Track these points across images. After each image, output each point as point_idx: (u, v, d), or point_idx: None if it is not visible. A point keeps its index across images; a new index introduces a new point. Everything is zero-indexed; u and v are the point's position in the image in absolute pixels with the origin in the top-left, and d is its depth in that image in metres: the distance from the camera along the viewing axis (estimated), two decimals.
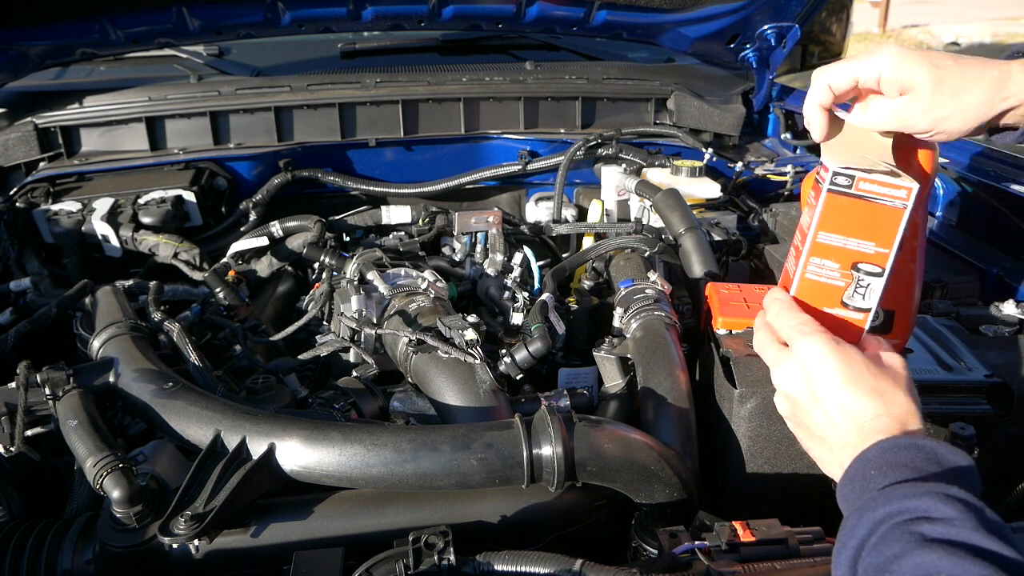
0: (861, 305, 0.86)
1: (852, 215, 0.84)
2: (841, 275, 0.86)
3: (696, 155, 2.20)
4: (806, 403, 0.83)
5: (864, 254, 0.84)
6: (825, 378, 0.80)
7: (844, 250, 0.85)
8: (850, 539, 0.68)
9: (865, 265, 0.85)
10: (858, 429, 0.78)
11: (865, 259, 0.85)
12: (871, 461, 0.74)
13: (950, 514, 0.63)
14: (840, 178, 0.83)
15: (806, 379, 0.82)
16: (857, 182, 0.83)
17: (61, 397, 1.15)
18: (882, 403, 0.78)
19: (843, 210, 0.84)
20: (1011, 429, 1.18)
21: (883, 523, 0.66)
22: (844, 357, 0.80)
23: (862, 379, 0.79)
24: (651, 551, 1.00)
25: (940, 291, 1.63)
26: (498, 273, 1.84)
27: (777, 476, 1.14)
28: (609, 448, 1.05)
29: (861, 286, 0.86)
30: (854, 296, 0.86)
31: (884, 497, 0.68)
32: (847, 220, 0.84)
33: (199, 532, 0.93)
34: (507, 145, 2.23)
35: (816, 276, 0.87)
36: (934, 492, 0.66)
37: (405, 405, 1.35)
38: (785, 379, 0.85)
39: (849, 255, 0.85)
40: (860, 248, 0.84)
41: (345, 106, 2.16)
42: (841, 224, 0.84)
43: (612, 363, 1.39)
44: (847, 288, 0.86)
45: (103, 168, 2.04)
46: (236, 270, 1.84)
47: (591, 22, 2.18)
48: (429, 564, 0.85)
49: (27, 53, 1.96)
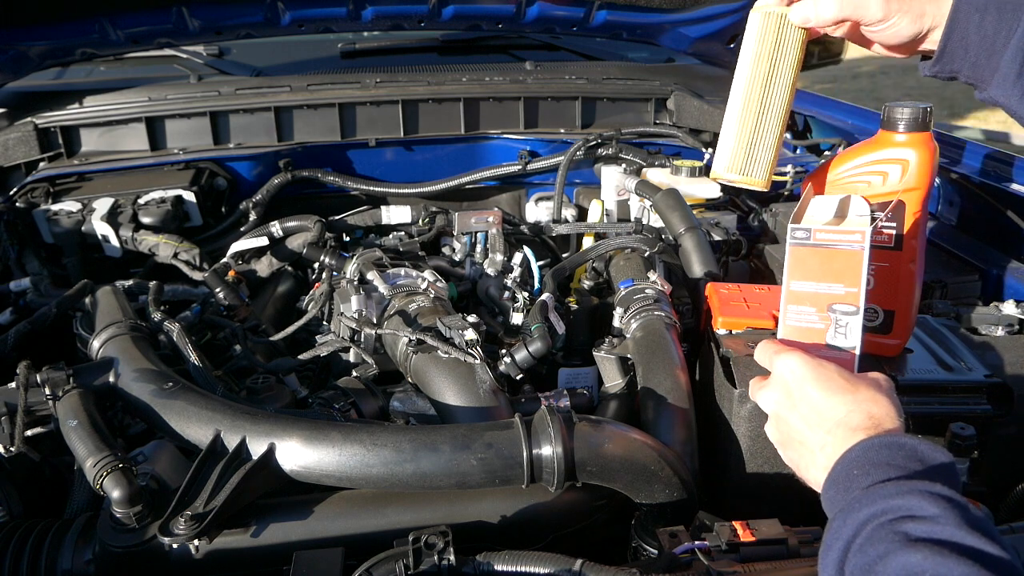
0: (844, 344, 0.91)
1: (816, 262, 0.91)
2: (820, 318, 0.92)
3: (696, 155, 2.19)
4: (787, 413, 0.85)
5: (836, 295, 0.91)
6: (800, 386, 0.83)
7: (817, 295, 0.92)
8: (836, 541, 0.68)
9: (840, 306, 0.91)
10: (834, 427, 0.79)
11: (838, 300, 0.91)
12: (853, 461, 0.74)
13: (934, 512, 0.63)
14: (799, 232, 0.92)
15: (785, 391, 0.85)
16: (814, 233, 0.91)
17: (61, 397, 1.15)
18: (853, 400, 0.80)
19: (807, 259, 0.92)
20: (1011, 429, 1.18)
21: (868, 523, 0.66)
22: (816, 365, 0.84)
23: (833, 382, 0.82)
24: (651, 551, 1.00)
25: (940, 291, 1.63)
26: (498, 273, 1.84)
27: (777, 476, 1.14)
28: (609, 448, 1.05)
29: (840, 325, 0.91)
30: (836, 336, 0.92)
31: (868, 497, 0.68)
32: (813, 267, 0.91)
33: (199, 532, 0.93)
34: (507, 145, 2.23)
35: (797, 322, 0.93)
36: (918, 490, 0.66)
37: (405, 405, 1.35)
38: (768, 397, 0.89)
39: (823, 298, 0.91)
40: (831, 291, 0.91)
41: (345, 106, 2.16)
42: (808, 272, 0.92)
43: (612, 363, 1.39)
44: (828, 329, 0.92)
45: (103, 168, 2.04)
46: (236, 270, 1.84)
47: (591, 22, 2.18)
48: (429, 564, 0.85)
49: (27, 53, 1.96)
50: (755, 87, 0.93)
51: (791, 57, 0.92)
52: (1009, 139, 6.54)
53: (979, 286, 1.68)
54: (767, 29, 0.92)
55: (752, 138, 0.93)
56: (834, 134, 2.37)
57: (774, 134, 0.94)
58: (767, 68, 0.92)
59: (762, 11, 0.93)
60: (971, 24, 0.86)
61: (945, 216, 1.92)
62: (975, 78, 0.90)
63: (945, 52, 0.89)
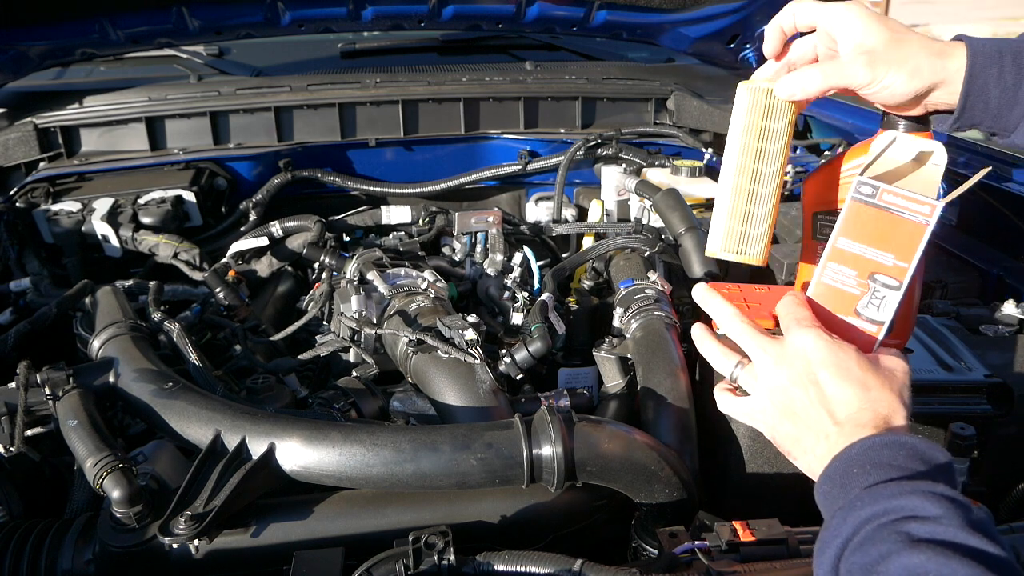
0: (875, 317, 0.86)
1: (874, 225, 0.85)
2: (858, 284, 0.86)
3: (696, 155, 2.19)
4: (796, 390, 0.82)
5: (882, 265, 0.85)
6: (817, 368, 0.81)
7: (863, 259, 0.85)
8: (835, 538, 0.67)
9: (882, 276, 0.85)
10: (844, 419, 0.78)
11: (883, 270, 0.85)
12: (853, 459, 0.74)
13: (936, 512, 0.63)
14: (865, 187, 0.85)
15: (798, 366, 0.82)
16: (881, 193, 0.84)
17: (61, 397, 1.15)
18: (867, 397, 0.79)
19: (865, 219, 0.85)
20: (1011, 429, 1.18)
21: (869, 522, 0.66)
22: (836, 348, 0.81)
23: (850, 372, 0.80)
24: (651, 551, 1.00)
25: (940, 291, 1.63)
26: (498, 273, 1.84)
27: (777, 476, 1.14)
28: (609, 448, 1.05)
29: (876, 297, 0.86)
30: (868, 307, 0.86)
31: (870, 496, 0.68)
32: (868, 229, 0.85)
33: (199, 532, 0.93)
34: (507, 145, 2.23)
35: (833, 281, 0.87)
36: (920, 490, 0.66)
37: (405, 405, 1.35)
38: (777, 366, 0.84)
39: (867, 264, 0.85)
40: (879, 259, 0.85)
41: (345, 106, 2.16)
42: (862, 233, 0.85)
43: (612, 363, 1.39)
44: (862, 297, 0.86)
45: (103, 168, 2.04)
46: (236, 270, 1.84)
47: (591, 22, 2.18)
48: (429, 564, 0.85)
49: (27, 53, 1.96)
50: (746, 164, 0.90)
51: (781, 131, 0.90)
52: None
53: (979, 286, 1.68)
54: (755, 104, 0.90)
55: (746, 215, 0.90)
56: (834, 134, 2.37)
57: (768, 210, 0.91)
58: (757, 144, 0.89)
59: (748, 87, 0.91)
60: (989, 78, 0.84)
61: (945, 216, 1.92)
62: (998, 128, 0.88)
63: (965, 110, 0.86)
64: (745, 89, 0.91)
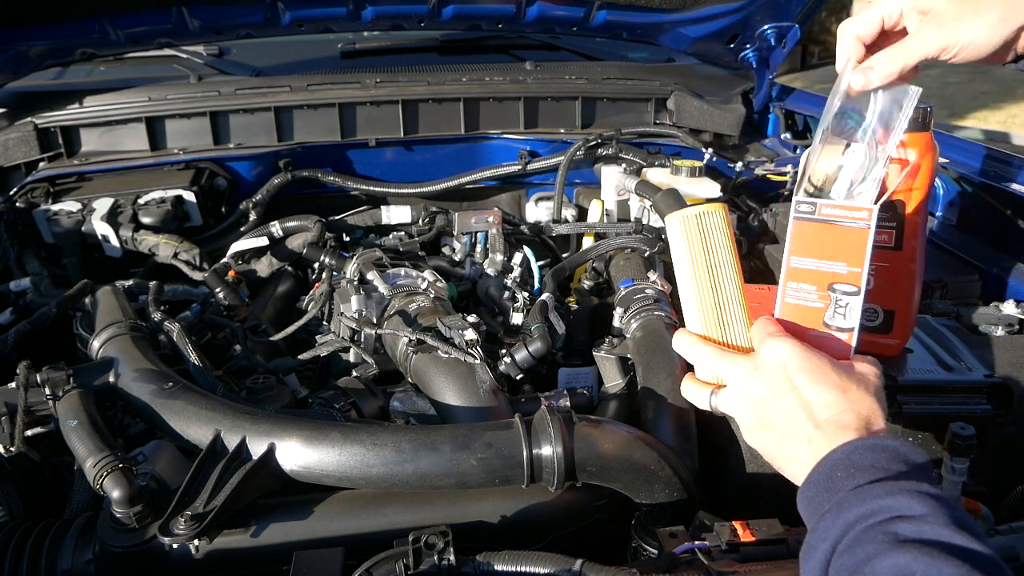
0: (843, 325, 0.89)
1: (820, 239, 0.89)
2: (819, 297, 0.89)
3: (696, 155, 2.19)
4: (773, 400, 0.82)
5: (838, 275, 0.88)
6: (791, 375, 0.82)
7: (818, 272, 0.89)
8: (822, 542, 0.67)
9: (840, 285, 0.88)
10: (824, 422, 0.79)
11: (839, 279, 0.88)
12: (837, 463, 0.74)
13: (922, 511, 0.64)
14: (803, 205, 0.90)
15: (772, 377, 0.83)
16: (820, 208, 0.89)
17: (61, 397, 1.15)
18: (847, 399, 0.79)
19: (810, 235, 0.89)
20: (1011, 429, 1.18)
21: (856, 524, 0.66)
22: (809, 355, 0.82)
23: (826, 376, 0.81)
24: (651, 551, 1.00)
25: (940, 291, 1.63)
26: (498, 273, 1.84)
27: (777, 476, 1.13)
28: (609, 448, 1.05)
29: (840, 306, 0.89)
30: (835, 316, 0.89)
31: (857, 497, 0.68)
32: (816, 244, 0.89)
33: (199, 532, 0.93)
34: (507, 145, 2.23)
35: (795, 300, 0.90)
36: (906, 490, 0.66)
37: (405, 405, 1.35)
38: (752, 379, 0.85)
39: (823, 277, 0.89)
40: (833, 269, 0.88)
41: (345, 106, 2.16)
42: (811, 248, 0.89)
43: (612, 363, 1.39)
44: (827, 309, 0.89)
45: (103, 168, 2.04)
46: (236, 270, 1.84)
47: (591, 22, 2.18)
48: (429, 564, 0.85)
49: (27, 53, 1.96)
50: (704, 292, 0.91)
51: (723, 243, 0.91)
52: (1009, 139, 6.55)
53: (979, 286, 1.68)
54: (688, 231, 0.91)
55: (722, 332, 0.92)
56: None
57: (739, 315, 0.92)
58: (706, 267, 0.91)
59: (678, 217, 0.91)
60: None
61: (945, 216, 1.92)
62: None
63: None
64: (676, 220, 0.92)
